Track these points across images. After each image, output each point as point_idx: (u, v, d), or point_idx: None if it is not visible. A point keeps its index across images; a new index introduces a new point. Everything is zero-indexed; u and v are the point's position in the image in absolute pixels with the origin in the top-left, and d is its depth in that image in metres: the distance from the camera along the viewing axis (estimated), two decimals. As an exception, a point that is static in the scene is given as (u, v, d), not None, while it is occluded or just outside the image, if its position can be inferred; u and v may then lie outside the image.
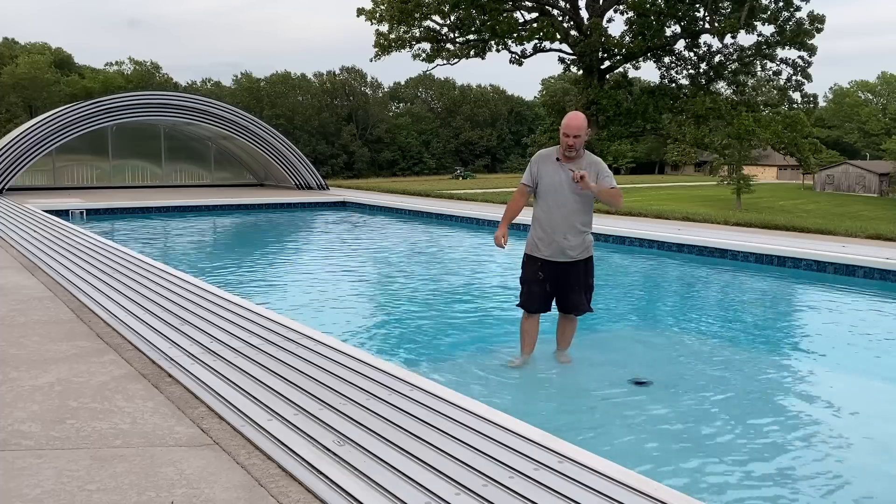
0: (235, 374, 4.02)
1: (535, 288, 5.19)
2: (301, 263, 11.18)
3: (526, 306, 5.27)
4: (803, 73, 30.02)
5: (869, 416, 4.64)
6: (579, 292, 5.18)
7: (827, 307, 7.94)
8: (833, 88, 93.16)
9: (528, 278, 5.23)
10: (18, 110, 64.44)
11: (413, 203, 17.07)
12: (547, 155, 5.18)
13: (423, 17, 29.70)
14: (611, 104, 28.46)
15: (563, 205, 5.03)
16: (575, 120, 4.99)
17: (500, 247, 5.14)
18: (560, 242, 5.06)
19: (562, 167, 5.03)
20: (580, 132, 4.94)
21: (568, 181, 4.98)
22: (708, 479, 3.67)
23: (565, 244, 5.05)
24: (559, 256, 5.09)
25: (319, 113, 77.94)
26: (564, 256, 5.09)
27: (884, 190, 65.17)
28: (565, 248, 5.06)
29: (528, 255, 5.22)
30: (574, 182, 4.87)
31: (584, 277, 5.18)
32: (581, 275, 5.16)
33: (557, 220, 5.05)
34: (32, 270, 7.53)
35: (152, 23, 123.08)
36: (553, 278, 5.14)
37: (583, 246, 5.11)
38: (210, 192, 20.11)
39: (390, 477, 2.78)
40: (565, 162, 5.03)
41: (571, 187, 4.98)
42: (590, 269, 5.24)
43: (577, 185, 4.91)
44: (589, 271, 5.23)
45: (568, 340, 5.40)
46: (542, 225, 5.12)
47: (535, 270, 5.17)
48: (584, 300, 5.23)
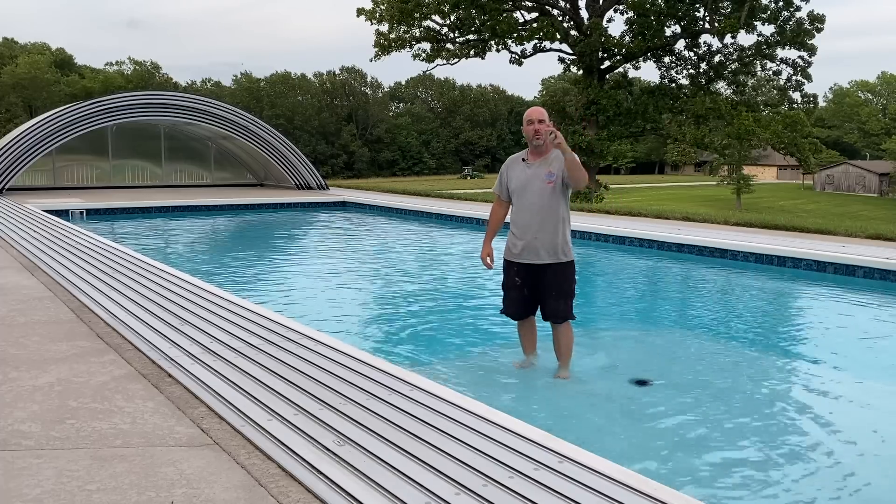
0: (235, 374, 4.02)
1: (513, 293, 5.13)
2: (301, 263, 11.18)
3: (507, 312, 5.21)
4: (803, 73, 30.01)
5: (869, 416, 4.64)
6: (556, 298, 4.99)
7: (827, 307, 7.94)
8: (833, 88, 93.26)
9: (505, 283, 5.17)
10: (18, 110, 64.44)
11: (413, 203, 17.07)
12: (514, 159, 5.16)
13: (423, 17, 29.68)
14: (611, 104, 28.44)
15: (532, 203, 4.94)
16: (535, 108, 5.02)
17: (487, 267, 5.14)
18: (531, 242, 4.95)
19: (528, 166, 4.99)
20: (543, 116, 4.90)
21: (534, 178, 4.93)
22: (708, 479, 3.67)
23: (536, 243, 4.93)
24: (533, 258, 4.97)
25: (319, 113, 77.95)
26: (537, 258, 4.96)
27: (884, 190, 65.19)
28: (537, 248, 4.94)
29: (505, 260, 5.16)
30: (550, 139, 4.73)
31: (560, 282, 4.99)
32: (557, 279, 4.98)
33: (527, 219, 4.97)
34: (32, 270, 7.53)
35: (152, 23, 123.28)
36: (530, 283, 5.04)
37: (555, 246, 4.95)
38: (210, 192, 20.12)
39: (390, 477, 2.78)
40: (532, 157, 4.99)
41: (538, 183, 4.92)
42: (567, 274, 5.03)
43: (543, 178, 4.89)
44: (567, 276, 5.02)
45: (564, 354, 5.11)
46: (515, 226, 5.07)
47: (511, 275, 5.11)
48: (563, 306, 5.01)
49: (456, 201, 18.08)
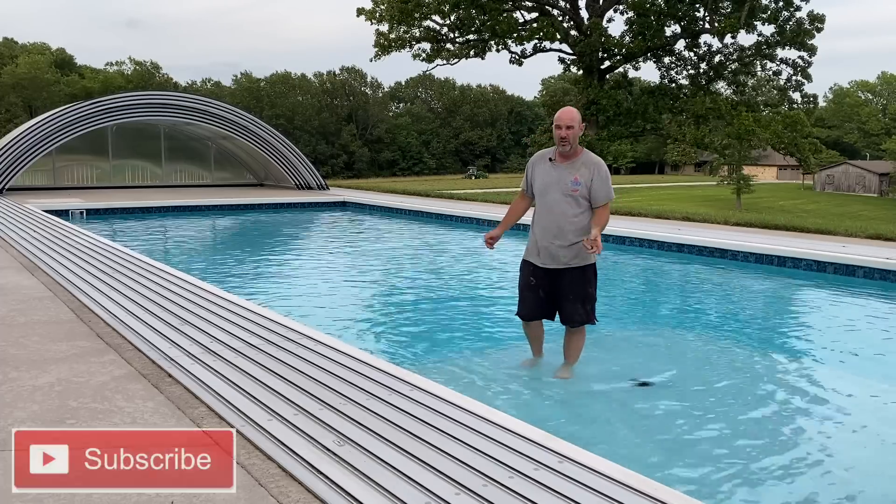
0: (235, 374, 4.02)
1: (527, 294, 5.01)
2: (301, 263, 11.18)
3: (520, 313, 5.10)
4: (803, 74, 30.04)
5: (869, 416, 4.64)
6: (574, 302, 4.86)
7: (827, 307, 7.94)
8: (833, 88, 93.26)
9: (521, 284, 5.07)
10: (18, 110, 64.44)
11: (413, 203, 17.07)
12: (542, 155, 5.00)
13: (423, 17, 29.71)
14: (611, 104, 28.46)
15: (552, 207, 4.81)
16: (567, 112, 4.81)
17: (487, 246, 5.06)
18: (548, 247, 4.83)
19: (554, 167, 4.85)
20: (573, 123, 4.71)
21: (558, 182, 4.78)
22: (708, 479, 3.67)
23: (554, 249, 4.81)
24: (549, 262, 4.85)
25: (319, 113, 77.95)
26: (555, 262, 4.84)
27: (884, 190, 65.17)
28: (554, 254, 4.82)
29: (523, 260, 5.07)
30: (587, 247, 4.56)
31: (578, 286, 4.86)
32: (575, 283, 4.85)
33: (546, 223, 4.84)
34: (32, 270, 7.53)
35: (151, 23, 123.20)
36: (546, 285, 4.92)
37: (575, 252, 4.79)
38: (210, 192, 20.12)
39: (390, 477, 2.78)
40: (560, 159, 4.84)
41: (562, 188, 4.77)
42: (587, 277, 4.88)
43: (568, 185, 4.75)
44: (586, 279, 4.88)
45: (572, 356, 5.06)
46: (534, 229, 4.96)
47: (526, 275, 5.01)
48: (580, 310, 4.88)
49: (456, 201, 18.08)
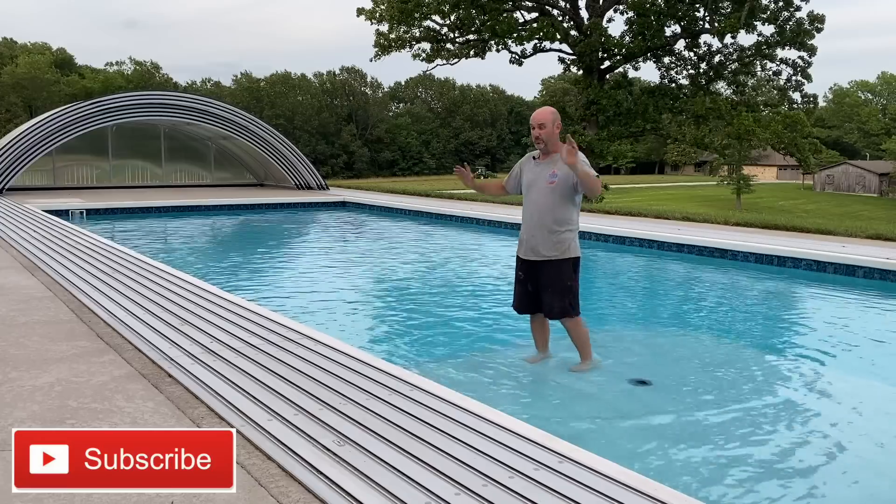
0: (235, 374, 4.02)
1: (517, 288, 5.30)
2: (301, 263, 11.18)
3: (513, 305, 5.39)
4: (803, 74, 29.99)
5: (869, 416, 4.64)
6: (552, 294, 5.02)
7: (827, 307, 7.94)
8: (833, 88, 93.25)
9: (515, 278, 5.35)
10: (18, 110, 64.40)
11: (413, 203, 17.07)
12: (529, 156, 5.30)
13: (423, 17, 29.66)
14: (611, 104, 28.42)
15: (535, 202, 5.06)
16: (538, 112, 5.11)
17: (457, 169, 5.25)
18: (529, 240, 5.09)
19: (537, 164, 5.11)
20: (544, 122, 4.98)
21: (541, 177, 5.03)
22: (708, 479, 3.67)
23: (534, 242, 5.05)
24: (531, 255, 5.10)
25: (319, 113, 77.95)
26: (535, 255, 5.07)
27: (884, 190, 65.20)
28: (534, 246, 5.05)
29: (516, 256, 5.32)
30: (564, 158, 4.73)
31: (556, 278, 5.01)
32: (554, 275, 5.01)
33: (527, 216, 5.12)
34: (32, 270, 7.53)
35: (151, 23, 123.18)
36: (532, 278, 5.15)
37: (555, 244, 4.98)
38: (210, 192, 20.12)
39: (390, 477, 2.78)
40: (542, 157, 5.11)
41: (542, 182, 5.02)
42: (566, 271, 5.02)
43: (547, 178, 4.98)
44: (564, 273, 5.01)
45: (578, 349, 5.21)
46: (522, 223, 5.22)
47: (517, 270, 5.28)
48: (557, 303, 5.02)
49: (456, 201, 18.07)
